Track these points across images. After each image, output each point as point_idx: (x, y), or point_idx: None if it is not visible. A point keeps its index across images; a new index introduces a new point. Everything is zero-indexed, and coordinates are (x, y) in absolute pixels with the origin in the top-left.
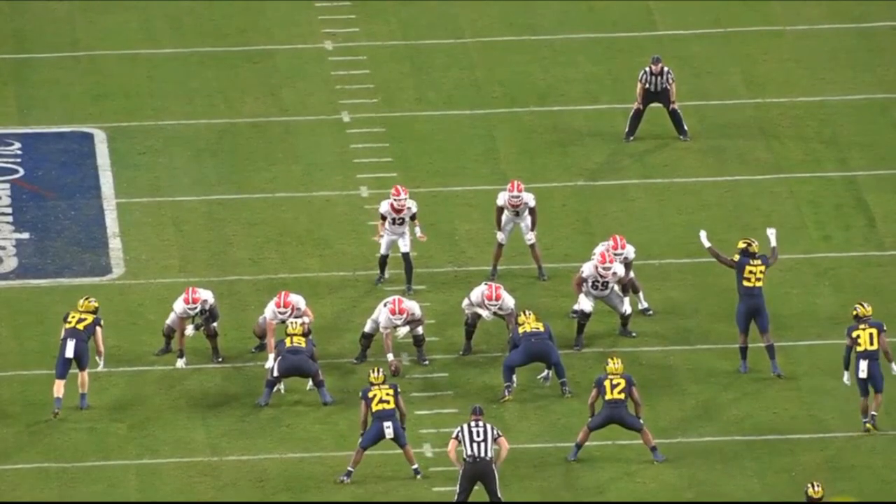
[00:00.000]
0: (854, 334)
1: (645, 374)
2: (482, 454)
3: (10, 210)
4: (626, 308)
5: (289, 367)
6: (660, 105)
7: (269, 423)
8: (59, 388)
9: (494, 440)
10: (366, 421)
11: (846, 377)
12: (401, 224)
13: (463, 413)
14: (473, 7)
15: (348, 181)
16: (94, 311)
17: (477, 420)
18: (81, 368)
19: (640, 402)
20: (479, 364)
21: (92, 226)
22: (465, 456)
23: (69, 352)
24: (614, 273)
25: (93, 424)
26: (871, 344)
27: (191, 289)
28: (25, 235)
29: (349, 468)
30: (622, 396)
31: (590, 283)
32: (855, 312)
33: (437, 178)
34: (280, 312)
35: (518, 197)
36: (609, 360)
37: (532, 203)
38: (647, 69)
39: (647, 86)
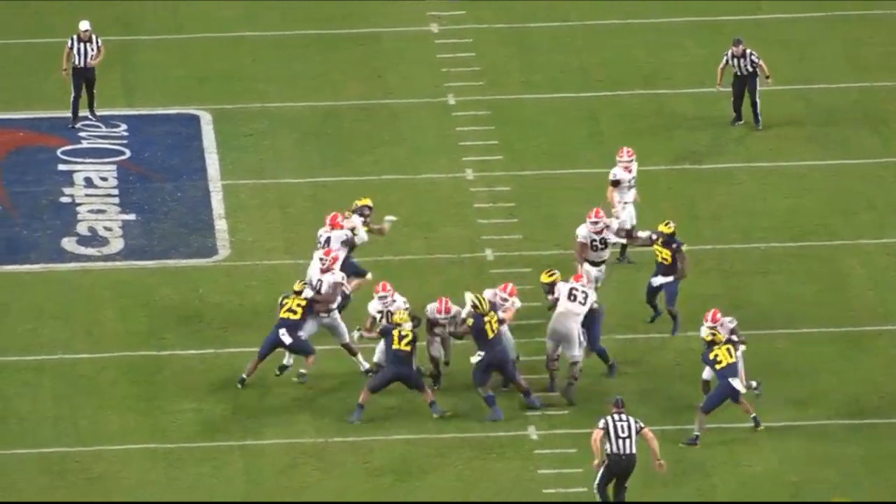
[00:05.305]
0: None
1: (749, 359)
2: (628, 450)
3: (116, 192)
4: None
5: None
6: (762, 89)
7: (375, 404)
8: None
9: (638, 433)
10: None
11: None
12: None
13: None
14: None
15: (453, 164)
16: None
17: (620, 413)
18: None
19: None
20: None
21: (198, 207)
22: (609, 452)
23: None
24: (607, 226)
25: (199, 405)
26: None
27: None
28: (132, 217)
29: (244, 375)
30: (409, 349)
31: (589, 247)
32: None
33: (542, 162)
34: (442, 320)
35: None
36: (396, 311)
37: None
38: (730, 52)
39: (735, 70)
